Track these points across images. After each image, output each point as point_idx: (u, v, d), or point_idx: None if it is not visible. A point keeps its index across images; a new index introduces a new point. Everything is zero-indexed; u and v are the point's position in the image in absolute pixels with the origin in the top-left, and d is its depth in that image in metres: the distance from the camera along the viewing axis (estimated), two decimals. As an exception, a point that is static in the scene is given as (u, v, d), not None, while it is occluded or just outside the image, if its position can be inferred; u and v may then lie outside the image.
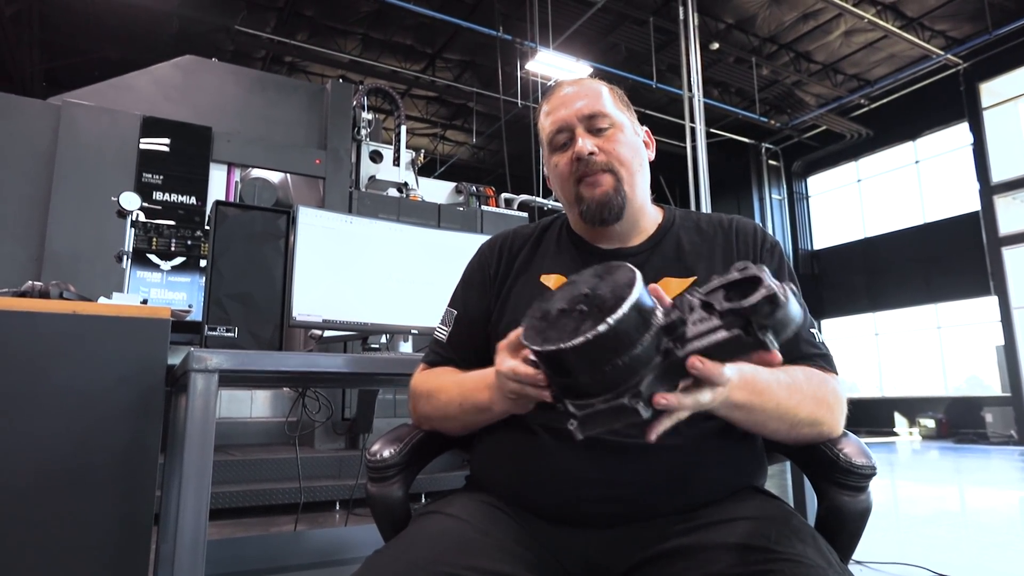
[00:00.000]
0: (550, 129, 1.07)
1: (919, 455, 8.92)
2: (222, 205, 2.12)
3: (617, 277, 0.69)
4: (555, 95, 1.09)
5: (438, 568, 0.79)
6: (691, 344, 0.65)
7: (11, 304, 1.67)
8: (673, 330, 0.66)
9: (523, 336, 0.73)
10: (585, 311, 0.67)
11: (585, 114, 1.04)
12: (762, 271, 0.63)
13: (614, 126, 1.05)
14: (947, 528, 3.81)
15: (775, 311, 0.61)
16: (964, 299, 12.14)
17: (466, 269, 1.18)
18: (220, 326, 1.99)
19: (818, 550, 0.78)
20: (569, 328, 0.67)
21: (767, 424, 0.86)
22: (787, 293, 0.61)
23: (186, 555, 1.37)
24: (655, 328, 0.65)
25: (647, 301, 0.66)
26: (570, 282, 0.75)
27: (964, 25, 10.75)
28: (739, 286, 0.64)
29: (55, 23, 9.63)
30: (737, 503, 0.89)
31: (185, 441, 1.41)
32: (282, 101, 6.00)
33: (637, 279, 0.66)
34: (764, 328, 0.62)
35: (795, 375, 0.88)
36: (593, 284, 0.70)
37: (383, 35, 10.86)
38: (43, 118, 4.95)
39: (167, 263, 5.14)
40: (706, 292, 0.66)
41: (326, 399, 3.10)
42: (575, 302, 0.69)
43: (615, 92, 1.10)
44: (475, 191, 6.75)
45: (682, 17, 9.10)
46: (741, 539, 0.80)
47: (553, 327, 0.69)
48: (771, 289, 0.61)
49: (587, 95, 1.06)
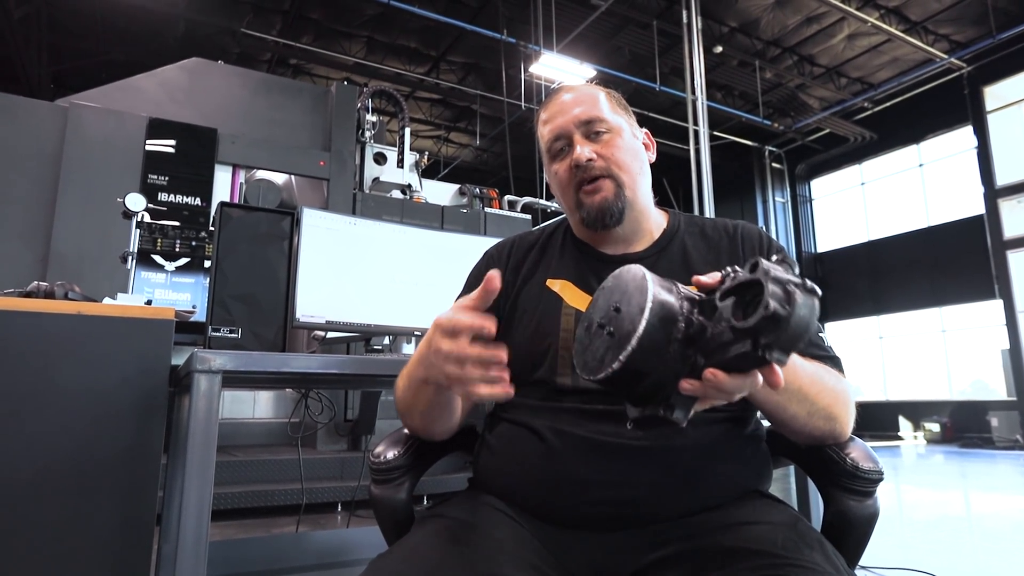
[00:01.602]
0: (548, 137, 1.07)
1: (924, 459, 8.89)
2: (226, 206, 2.12)
3: (632, 297, 0.67)
4: (552, 103, 1.08)
5: (443, 571, 0.79)
6: (712, 356, 0.64)
7: (17, 304, 1.68)
8: (695, 340, 0.65)
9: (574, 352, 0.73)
10: (612, 334, 0.66)
11: (582, 120, 1.03)
12: (767, 278, 0.59)
13: (611, 131, 1.04)
14: (952, 533, 3.79)
15: (778, 330, 0.58)
16: (969, 303, 12.10)
17: (472, 272, 1.17)
18: (224, 327, 1.99)
19: (825, 555, 0.78)
20: (599, 354, 0.67)
21: (788, 407, 0.84)
22: (792, 301, 0.58)
23: (188, 556, 1.37)
24: (677, 344, 0.64)
25: (664, 318, 0.64)
26: (602, 288, 0.74)
27: (968, 29, 10.74)
28: (752, 287, 0.61)
29: (63, 26, 9.70)
30: (742, 507, 0.88)
31: (188, 441, 1.41)
32: (287, 103, 6.03)
33: (647, 305, 0.64)
34: (769, 347, 0.59)
35: (817, 366, 0.88)
36: (619, 297, 0.69)
37: (388, 38, 10.91)
38: (50, 120, 4.98)
39: (172, 264, 5.16)
40: (724, 292, 0.64)
41: (329, 400, 3.10)
42: (607, 317, 0.68)
43: (612, 96, 1.10)
44: (478, 193, 6.75)
45: (685, 21, 9.10)
46: (747, 544, 0.79)
47: (590, 348, 0.69)
48: (770, 309, 0.57)
49: (583, 101, 1.05)
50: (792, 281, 0.60)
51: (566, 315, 1.00)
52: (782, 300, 0.58)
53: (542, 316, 1.02)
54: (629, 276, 0.70)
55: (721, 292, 0.64)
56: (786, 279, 0.60)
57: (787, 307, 0.58)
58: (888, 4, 10.09)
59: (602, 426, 0.89)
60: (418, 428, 1.02)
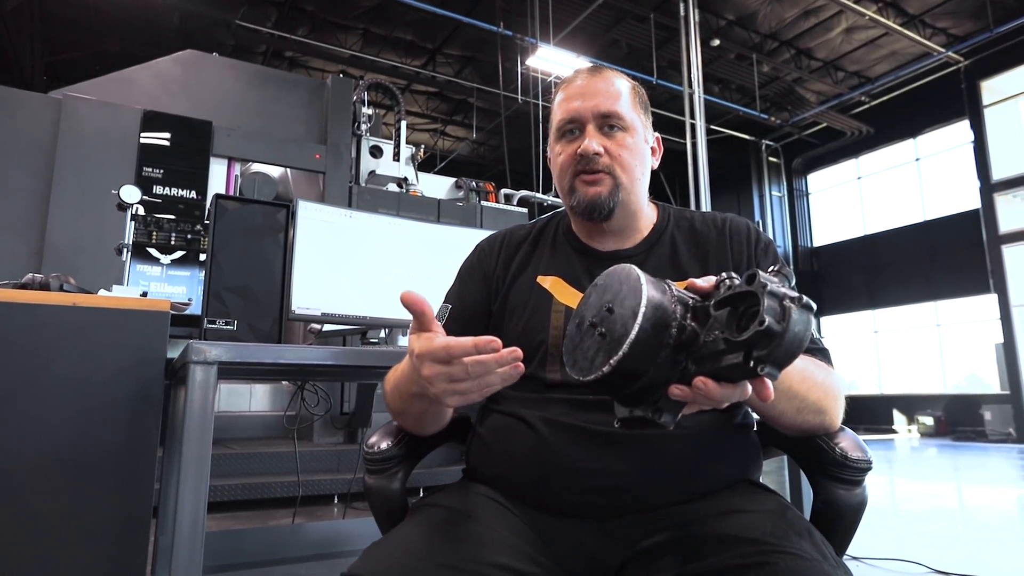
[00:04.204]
0: (562, 116, 1.05)
1: (917, 452, 8.95)
2: (222, 199, 2.12)
3: (625, 298, 0.66)
4: (574, 82, 1.06)
5: (435, 559, 0.80)
6: (703, 364, 0.63)
7: (12, 296, 1.68)
8: (687, 346, 0.64)
9: (564, 349, 0.73)
10: (604, 334, 0.66)
11: (600, 111, 1.02)
12: (763, 292, 0.59)
13: (625, 129, 1.03)
14: (944, 525, 3.82)
15: (772, 345, 0.58)
16: (964, 297, 12.15)
17: (463, 265, 1.17)
18: (219, 319, 2.01)
19: (813, 543, 0.79)
20: (590, 354, 0.67)
21: (777, 404, 0.85)
22: (788, 316, 0.58)
23: (185, 546, 1.37)
24: (668, 349, 0.64)
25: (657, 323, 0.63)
26: (595, 285, 0.74)
27: (965, 22, 10.74)
28: (748, 298, 0.61)
29: (56, 17, 9.64)
30: (733, 496, 0.89)
31: (184, 433, 1.41)
32: (282, 96, 6.03)
33: (641, 308, 0.63)
34: (762, 361, 0.59)
35: (806, 361, 0.88)
36: (612, 296, 0.68)
37: (384, 30, 10.88)
38: (44, 112, 4.98)
39: (167, 257, 5.15)
40: (719, 301, 0.63)
41: (325, 392, 3.11)
42: (599, 317, 0.68)
43: (636, 92, 1.08)
44: (475, 187, 6.76)
45: (683, 13, 9.10)
46: (737, 532, 0.80)
47: (580, 347, 0.70)
48: (765, 323, 0.57)
49: (606, 92, 1.04)
50: (788, 296, 0.59)
51: (556, 312, 1.00)
52: (777, 315, 0.58)
53: (532, 312, 1.02)
54: (623, 275, 0.69)
55: (716, 301, 0.64)
56: (782, 293, 0.59)
57: (782, 323, 0.58)
58: (886, -3, 10.11)
59: (592, 415, 0.90)
60: (411, 428, 1.02)
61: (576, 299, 0.95)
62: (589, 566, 0.88)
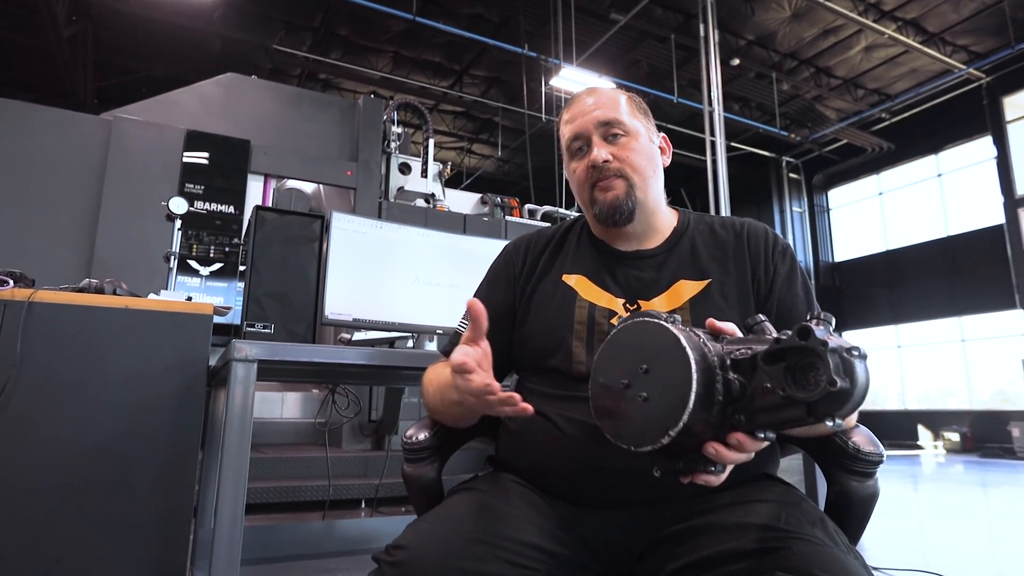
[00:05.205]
0: (568, 136, 1.11)
1: (943, 468, 8.72)
2: (262, 210, 2.23)
3: (662, 360, 0.64)
4: (575, 103, 1.13)
5: (474, 535, 0.86)
6: (757, 417, 0.63)
7: (71, 299, 1.83)
8: (735, 401, 0.63)
9: (595, 412, 0.75)
10: (646, 399, 0.65)
11: (601, 121, 1.08)
12: (826, 350, 0.57)
13: (629, 134, 1.08)
14: (968, 537, 3.76)
15: (841, 402, 0.57)
16: (988, 312, 11.94)
17: (491, 267, 1.21)
18: (257, 323, 2.13)
19: (826, 531, 0.83)
20: (636, 421, 0.66)
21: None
22: (852, 371, 0.57)
23: (224, 536, 1.46)
24: (718, 406, 0.63)
25: (707, 384, 0.62)
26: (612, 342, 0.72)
27: (986, 39, 10.69)
28: (801, 353, 0.59)
29: (107, 44, 10.05)
30: (752, 488, 0.94)
31: (226, 428, 1.51)
32: (316, 116, 6.21)
33: (693, 376, 0.61)
34: (829, 416, 0.58)
35: None
36: (645, 357, 0.66)
37: (413, 53, 11.09)
38: (96, 132, 5.21)
39: (206, 268, 5.41)
40: (768, 354, 0.61)
41: (355, 395, 3.22)
42: (634, 378, 0.67)
43: (633, 100, 1.14)
44: (500, 202, 6.80)
45: (703, 34, 9.06)
46: (754, 519, 0.85)
47: (620, 413, 0.68)
48: (836, 386, 0.56)
49: (604, 104, 1.10)
50: (845, 348, 0.58)
51: (580, 308, 1.05)
52: (842, 373, 0.57)
53: (557, 308, 1.07)
54: (656, 333, 0.66)
55: (765, 353, 0.62)
56: (841, 347, 0.58)
57: (848, 379, 0.57)
58: (905, 16, 10.09)
59: None
60: (448, 423, 1.09)
61: (600, 296, 1.06)
62: (613, 549, 0.94)
